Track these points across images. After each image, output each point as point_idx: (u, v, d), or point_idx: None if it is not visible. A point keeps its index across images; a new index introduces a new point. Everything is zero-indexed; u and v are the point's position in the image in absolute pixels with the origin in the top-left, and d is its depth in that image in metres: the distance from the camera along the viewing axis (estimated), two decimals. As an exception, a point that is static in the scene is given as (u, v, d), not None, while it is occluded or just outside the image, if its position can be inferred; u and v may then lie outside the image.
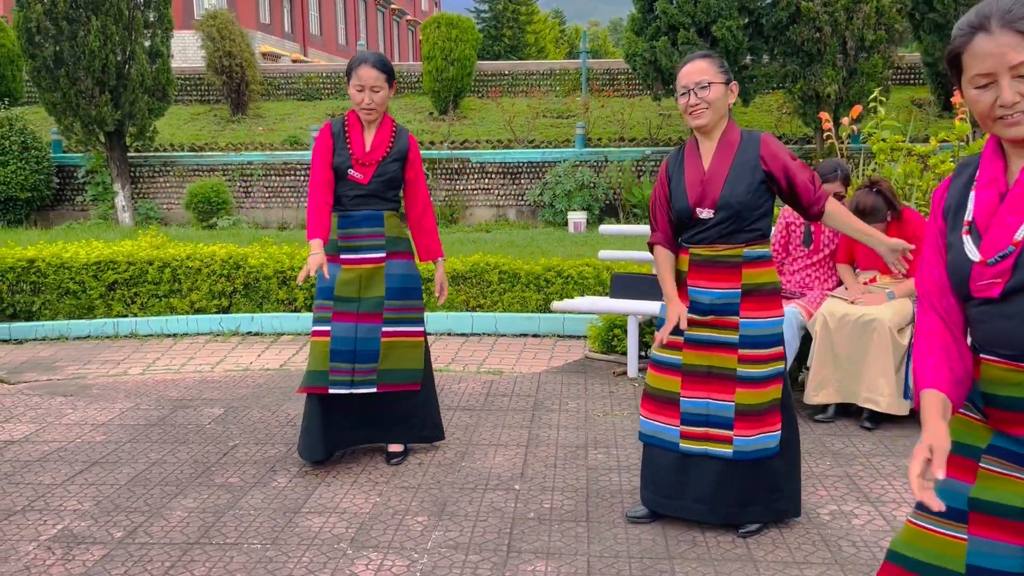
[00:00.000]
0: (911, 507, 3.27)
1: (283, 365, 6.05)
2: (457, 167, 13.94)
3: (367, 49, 17.90)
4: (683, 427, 3.06)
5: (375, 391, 3.69)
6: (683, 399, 3.06)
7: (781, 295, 3.07)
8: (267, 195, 14.21)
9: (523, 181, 13.97)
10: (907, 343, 4.15)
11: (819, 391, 4.25)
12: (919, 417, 1.59)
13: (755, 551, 2.94)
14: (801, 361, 4.62)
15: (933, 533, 1.60)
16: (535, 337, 6.87)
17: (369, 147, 3.69)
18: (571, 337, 6.82)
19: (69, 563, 2.88)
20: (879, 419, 4.21)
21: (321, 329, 3.67)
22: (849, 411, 4.37)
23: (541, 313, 7.03)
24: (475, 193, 14.00)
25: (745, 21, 12.80)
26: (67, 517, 3.24)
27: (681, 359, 3.06)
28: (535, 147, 14.35)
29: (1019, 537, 1.54)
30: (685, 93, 2.96)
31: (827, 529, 3.11)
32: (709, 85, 2.93)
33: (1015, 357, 1.52)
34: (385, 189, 3.71)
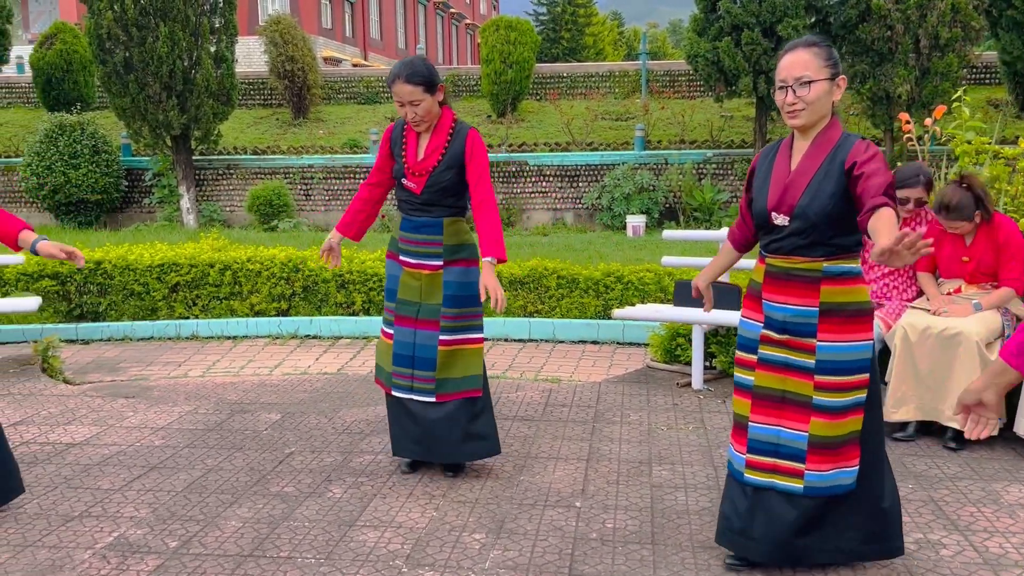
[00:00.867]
0: (1004, 537, 3.04)
1: (340, 369, 6.02)
2: (514, 170, 13.85)
3: (424, 53, 17.89)
4: (749, 455, 2.78)
5: (435, 400, 3.58)
6: (751, 424, 2.78)
7: (871, 315, 2.71)
8: (327, 198, 14.32)
9: (581, 184, 13.82)
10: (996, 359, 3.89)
11: (898, 408, 4.02)
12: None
13: (833, 581, 2.76)
14: (880, 375, 4.40)
15: None
16: (594, 344, 6.72)
17: (422, 155, 3.54)
18: (631, 345, 6.65)
19: (123, 573, 2.84)
20: (965, 439, 3.95)
21: (386, 331, 3.70)
22: (931, 429, 4.12)
23: (600, 320, 6.89)
24: (532, 196, 13.90)
25: (812, 20, 12.44)
26: (123, 524, 3.22)
27: (753, 380, 2.78)
28: (593, 150, 14.19)
29: None
30: (783, 88, 2.64)
31: (912, 560, 2.90)
32: (810, 83, 2.60)
33: None
34: (441, 197, 3.56)
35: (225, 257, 7.37)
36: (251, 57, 25.68)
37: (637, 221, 12.80)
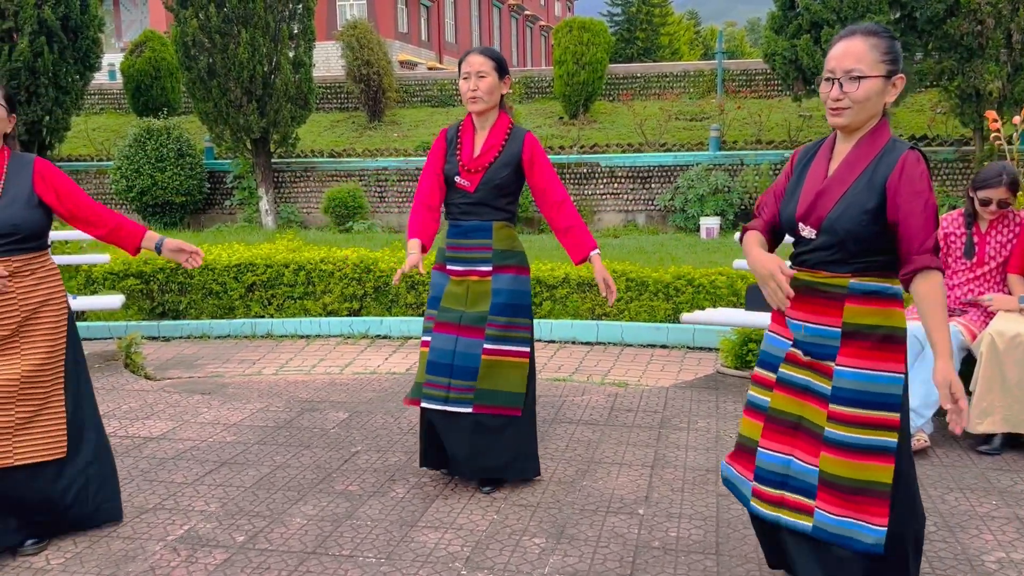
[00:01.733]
0: (1095, 560, 2.87)
1: (409, 369, 6.08)
2: (586, 171, 13.78)
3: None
4: (755, 484, 2.49)
5: (471, 411, 3.40)
6: (761, 451, 2.48)
7: (903, 344, 2.36)
8: (401, 200, 14.50)
9: (653, 185, 13.66)
10: None
11: (983, 419, 3.84)
12: None
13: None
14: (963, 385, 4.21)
15: None
16: (663, 348, 6.63)
17: (478, 152, 3.48)
18: (701, 349, 6.54)
19: (192, 566, 2.92)
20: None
21: (426, 339, 3.54)
22: (1018, 442, 3.93)
23: (670, 323, 6.78)
24: (604, 198, 13.80)
25: (897, 15, 12.00)
26: (194, 518, 3.31)
27: (769, 401, 2.48)
28: (667, 150, 14.00)
29: None
30: (830, 79, 2.31)
31: (993, 580, 2.76)
32: (860, 79, 2.28)
33: None
34: (494, 197, 3.47)
35: (299, 258, 7.54)
36: (329, 62, 26.25)
37: (711, 223, 12.58)
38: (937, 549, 3.00)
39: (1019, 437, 3.89)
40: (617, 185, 13.79)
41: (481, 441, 3.43)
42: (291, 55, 13.76)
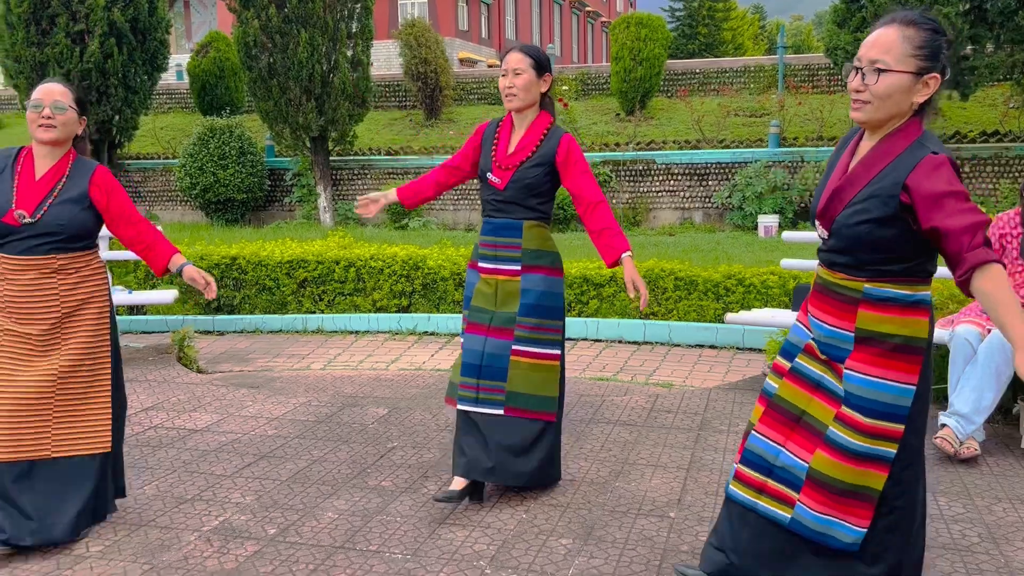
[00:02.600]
0: None
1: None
2: (641, 168, 13.65)
3: (556, 53, 17.72)
4: (739, 466, 2.44)
5: (502, 413, 3.34)
6: (753, 434, 2.42)
7: (920, 356, 2.25)
8: (455, 197, 14.58)
9: (711, 182, 13.45)
10: None
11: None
12: None
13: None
14: (1016, 393, 4.04)
15: None
16: (712, 348, 6.53)
17: (512, 149, 3.45)
18: (751, 350, 6.42)
19: (223, 556, 2.99)
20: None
21: (461, 339, 3.56)
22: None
23: (719, 323, 6.67)
24: (659, 195, 13.65)
25: (966, 7, 11.56)
26: (229, 509, 3.38)
27: (777, 388, 2.42)
28: (724, 147, 13.78)
29: None
30: (856, 69, 2.16)
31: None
32: (879, 73, 2.11)
33: None
34: (524, 197, 3.41)
35: (350, 254, 7.64)
36: (390, 60, 26.54)
37: (769, 221, 12.33)
38: (979, 561, 2.89)
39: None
40: (673, 182, 13.63)
41: (512, 448, 3.36)
42: (349, 54, 13.95)
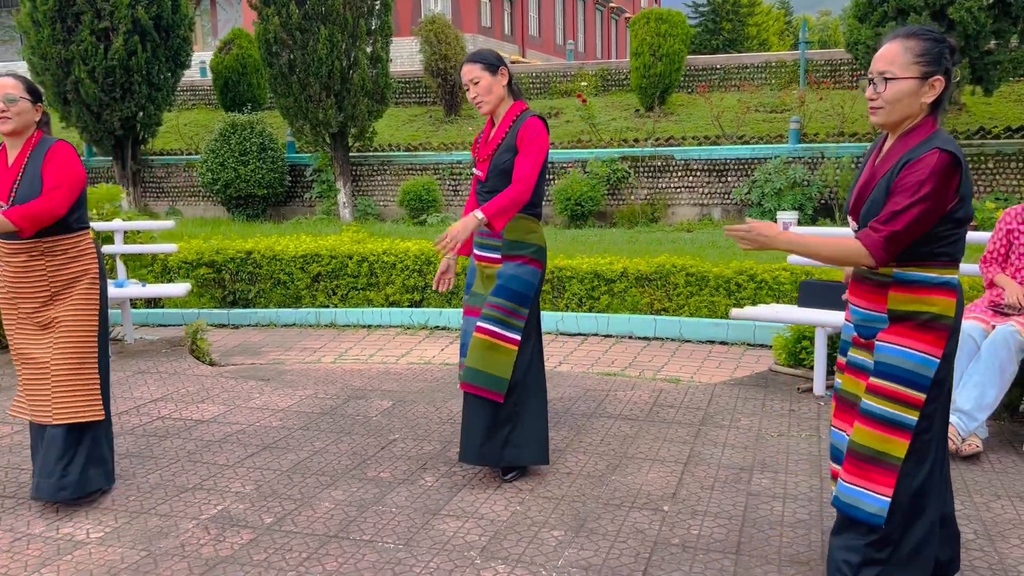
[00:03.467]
0: None
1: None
2: (660, 164, 13.59)
3: (574, 48, 17.58)
4: (831, 462, 2.70)
5: (460, 388, 3.54)
6: (831, 429, 2.68)
7: (946, 332, 2.41)
8: (473, 193, 14.62)
9: (730, 179, 13.37)
10: None
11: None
12: None
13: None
14: (1023, 388, 4.00)
15: None
16: (722, 345, 6.50)
17: (489, 140, 3.59)
18: (762, 347, 6.39)
19: (219, 544, 3.03)
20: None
21: None
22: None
23: (730, 320, 6.64)
24: (678, 191, 13.59)
25: (990, 1, 11.41)
26: (229, 498, 3.43)
27: (840, 384, 2.66)
28: (744, 143, 13.68)
29: None
30: (870, 81, 2.46)
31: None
32: (887, 81, 2.39)
33: None
34: (502, 183, 3.49)
35: (363, 249, 7.69)
36: (412, 57, 26.60)
37: (789, 217, 12.22)
38: (972, 558, 2.87)
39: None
40: (692, 178, 13.56)
41: (469, 421, 3.49)
42: (369, 51, 14.01)
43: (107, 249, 6.34)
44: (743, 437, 4.09)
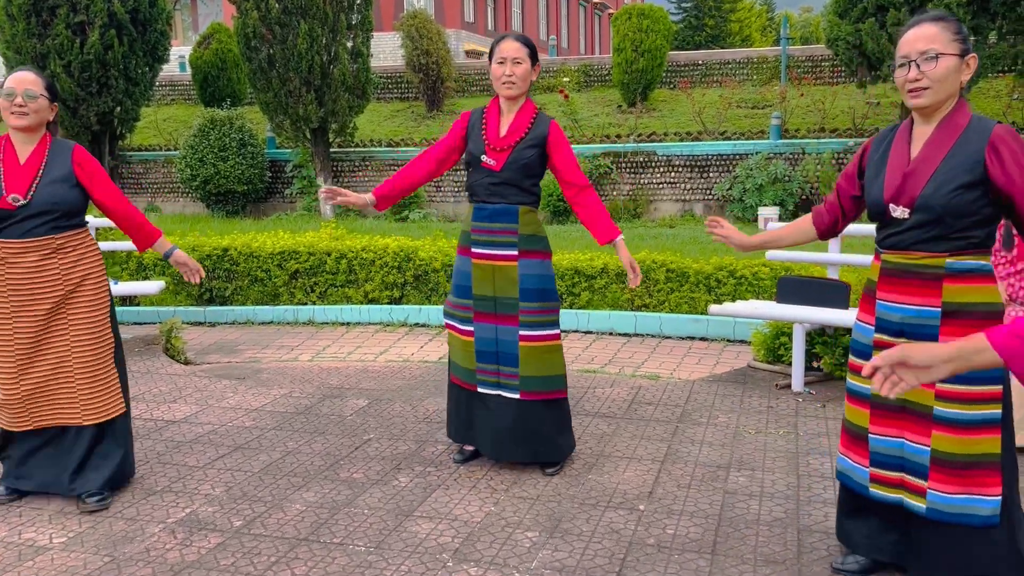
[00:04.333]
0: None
1: (441, 358, 6.08)
2: (642, 160, 13.58)
3: (554, 42, 17.48)
4: (872, 469, 2.55)
5: (518, 398, 3.51)
6: (871, 436, 2.54)
7: (1001, 319, 2.41)
8: (456, 189, 14.54)
9: (712, 174, 13.38)
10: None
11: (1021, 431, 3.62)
12: None
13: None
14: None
15: None
16: (702, 341, 6.48)
17: (504, 132, 3.52)
18: (742, 343, 6.37)
19: (185, 548, 2.97)
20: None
21: (463, 328, 3.62)
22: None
23: (710, 315, 6.62)
24: (660, 187, 13.58)
25: (968, -4, 11.44)
26: (197, 501, 3.36)
27: (870, 388, 2.53)
28: (726, 139, 13.69)
29: None
30: (904, 64, 2.41)
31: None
32: (937, 57, 2.34)
33: None
34: (521, 177, 3.49)
35: (341, 246, 7.61)
36: (395, 52, 26.46)
37: (770, 213, 12.23)
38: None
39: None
40: (674, 174, 13.56)
41: (528, 426, 3.54)
42: (349, 45, 13.89)
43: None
44: (720, 434, 4.06)
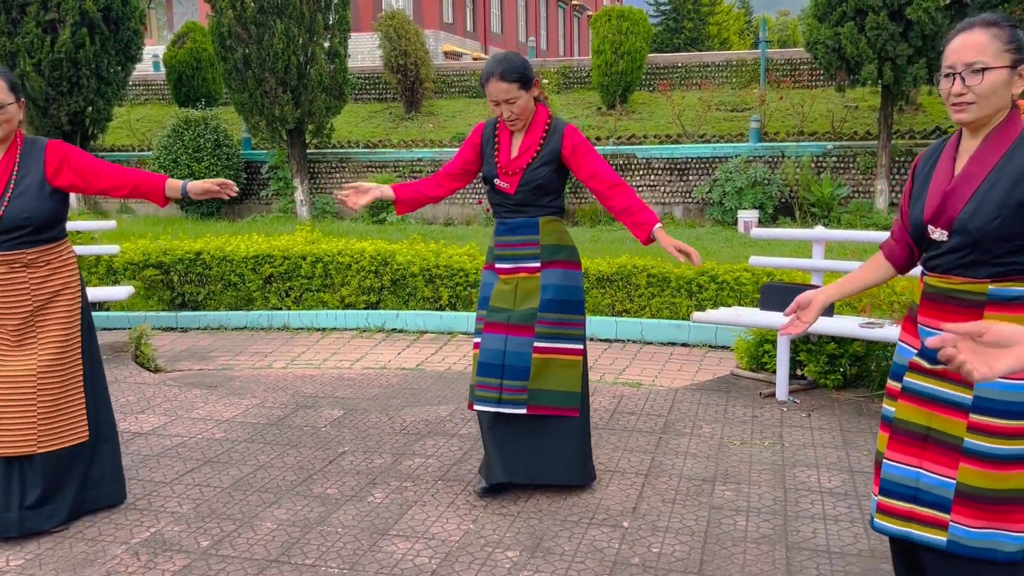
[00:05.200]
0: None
1: (419, 365, 5.96)
2: (622, 163, 13.51)
3: (533, 46, 17.40)
4: (880, 498, 2.37)
5: (525, 412, 3.29)
6: (885, 462, 2.36)
7: None
8: (434, 191, 14.42)
9: (691, 177, 13.34)
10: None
11: None
12: None
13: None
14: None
15: None
16: (684, 347, 6.41)
17: (516, 153, 3.35)
18: (724, 348, 6.30)
19: (148, 571, 2.83)
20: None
21: (477, 340, 3.43)
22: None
23: (692, 321, 6.55)
24: (640, 190, 13.52)
25: (947, 1, 11.50)
26: (163, 519, 3.22)
27: (894, 412, 2.36)
28: (705, 142, 13.67)
29: None
30: (950, 75, 2.21)
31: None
32: (984, 71, 2.15)
33: None
34: (536, 197, 3.34)
35: (317, 250, 7.46)
36: (374, 53, 26.27)
37: (749, 216, 12.23)
38: None
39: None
40: (654, 177, 13.51)
41: (538, 444, 3.36)
42: (326, 45, 13.73)
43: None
44: (705, 446, 3.97)
